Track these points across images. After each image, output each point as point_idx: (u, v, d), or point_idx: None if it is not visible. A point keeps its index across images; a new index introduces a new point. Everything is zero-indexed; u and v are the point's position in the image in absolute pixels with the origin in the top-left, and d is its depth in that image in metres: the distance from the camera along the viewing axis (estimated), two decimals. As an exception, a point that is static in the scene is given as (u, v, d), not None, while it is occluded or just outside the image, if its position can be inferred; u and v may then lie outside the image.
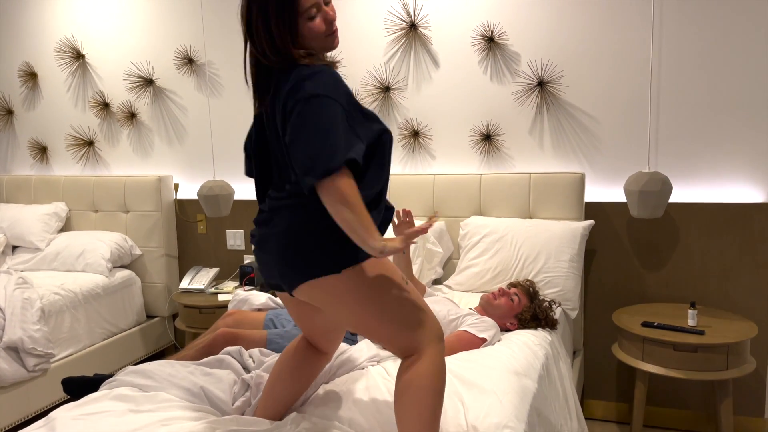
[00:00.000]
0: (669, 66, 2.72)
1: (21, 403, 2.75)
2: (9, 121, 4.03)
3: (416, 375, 1.41)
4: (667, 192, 2.54)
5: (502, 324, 2.32)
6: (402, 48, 3.12)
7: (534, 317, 2.34)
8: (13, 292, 2.83)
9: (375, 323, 1.43)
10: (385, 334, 1.44)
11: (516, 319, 2.33)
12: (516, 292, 2.37)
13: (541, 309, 2.36)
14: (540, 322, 2.34)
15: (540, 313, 2.35)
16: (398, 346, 1.46)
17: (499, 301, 2.32)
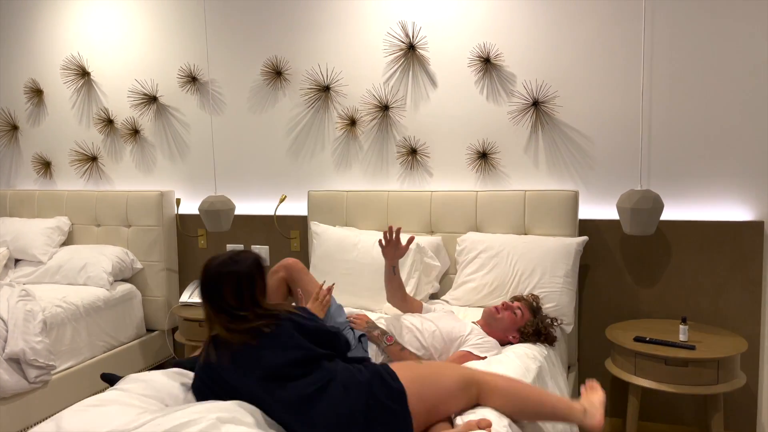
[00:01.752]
0: (660, 86, 2.80)
1: (22, 414, 2.78)
2: (14, 137, 4.09)
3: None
4: (658, 210, 2.60)
5: (504, 337, 2.36)
6: (401, 68, 3.20)
7: (536, 332, 2.37)
8: (15, 304, 2.87)
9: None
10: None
11: (518, 333, 2.38)
12: (519, 306, 2.41)
13: (543, 324, 2.40)
14: (540, 337, 2.38)
15: (542, 328, 2.39)
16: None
17: (502, 315, 2.36)
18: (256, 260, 1.80)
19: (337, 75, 3.31)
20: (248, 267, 1.76)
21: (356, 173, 3.36)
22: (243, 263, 1.77)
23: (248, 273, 1.75)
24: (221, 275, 1.74)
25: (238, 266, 1.75)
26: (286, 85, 3.43)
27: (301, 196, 3.49)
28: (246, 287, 1.74)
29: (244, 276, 1.74)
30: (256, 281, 1.76)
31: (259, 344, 1.69)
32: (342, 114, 3.33)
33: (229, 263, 1.76)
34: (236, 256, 1.79)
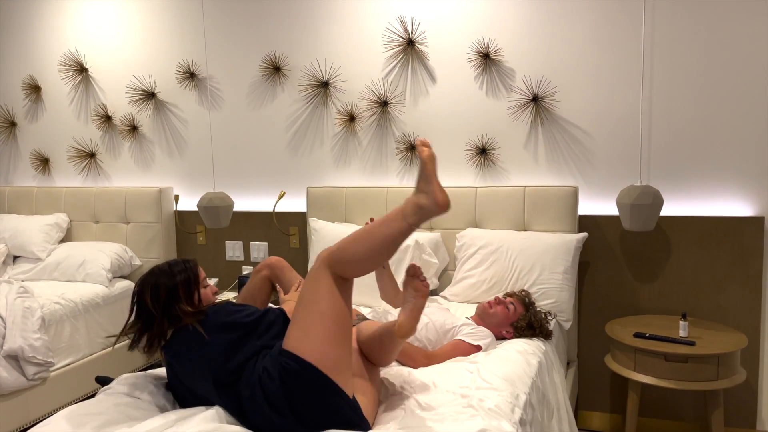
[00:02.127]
0: (660, 82, 2.79)
1: (20, 411, 2.78)
2: (12, 133, 4.08)
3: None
4: (658, 205, 2.59)
5: (498, 332, 2.35)
6: (400, 63, 3.19)
7: (529, 326, 2.37)
8: (14, 301, 2.86)
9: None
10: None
11: (512, 327, 2.37)
12: (512, 300, 2.41)
13: (537, 318, 2.40)
14: (535, 331, 2.38)
15: (535, 322, 2.38)
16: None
17: (494, 309, 2.36)
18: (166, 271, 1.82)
19: (336, 71, 3.30)
20: (158, 275, 1.81)
21: (355, 169, 3.35)
22: (160, 274, 1.81)
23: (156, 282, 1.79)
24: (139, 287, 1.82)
25: (152, 277, 1.80)
26: (285, 80, 3.42)
27: (300, 192, 3.48)
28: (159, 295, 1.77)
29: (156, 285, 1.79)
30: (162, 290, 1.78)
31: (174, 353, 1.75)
32: (341, 110, 3.32)
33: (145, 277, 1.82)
34: (160, 268, 1.84)
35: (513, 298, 2.44)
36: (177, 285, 1.79)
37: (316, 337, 1.55)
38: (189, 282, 1.81)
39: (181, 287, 1.79)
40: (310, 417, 1.53)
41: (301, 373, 1.52)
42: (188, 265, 1.84)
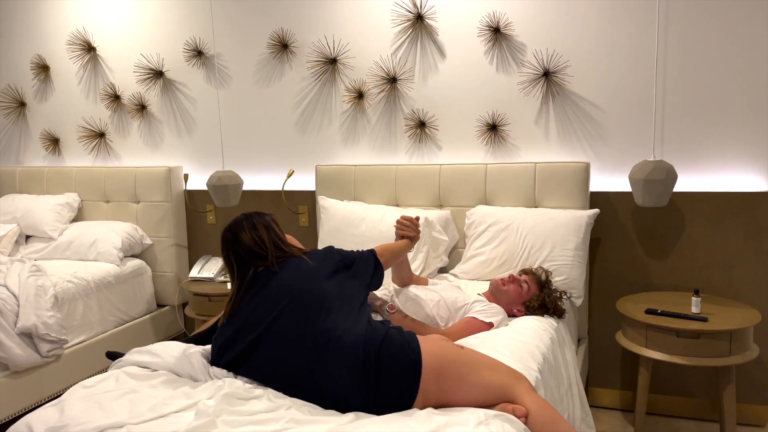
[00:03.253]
0: (674, 55, 2.73)
1: (35, 388, 2.82)
2: (22, 113, 4.09)
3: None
4: (671, 180, 2.56)
5: (509, 310, 2.34)
6: (408, 39, 3.14)
7: (542, 305, 2.35)
8: (27, 279, 2.89)
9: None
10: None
11: (523, 306, 2.36)
12: (526, 279, 2.39)
13: (551, 298, 2.37)
14: (548, 310, 2.36)
15: (549, 302, 2.36)
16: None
17: (507, 287, 2.33)
18: (262, 214, 2.01)
19: (344, 47, 3.26)
20: (257, 216, 1.98)
21: (364, 147, 3.33)
22: (253, 216, 1.98)
23: (259, 221, 1.96)
24: (237, 226, 1.96)
25: (245, 220, 1.97)
26: (293, 58, 3.39)
27: (308, 170, 3.46)
28: (263, 232, 1.93)
29: (257, 223, 1.95)
30: (269, 227, 1.96)
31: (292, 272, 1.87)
32: (349, 87, 3.29)
33: (236, 222, 1.98)
34: (239, 216, 2.01)
35: (528, 276, 2.41)
36: (270, 222, 1.97)
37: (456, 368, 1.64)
38: (276, 222, 2.00)
39: (273, 223, 1.98)
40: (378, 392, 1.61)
41: (409, 367, 1.61)
42: (266, 214, 2.02)
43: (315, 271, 1.86)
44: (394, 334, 1.68)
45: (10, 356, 2.66)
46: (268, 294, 1.81)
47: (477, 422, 1.47)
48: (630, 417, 2.93)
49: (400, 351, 1.63)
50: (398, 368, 1.60)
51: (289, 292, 1.79)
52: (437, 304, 2.24)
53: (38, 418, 1.58)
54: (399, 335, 1.68)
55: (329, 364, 1.64)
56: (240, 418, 1.55)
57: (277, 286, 1.82)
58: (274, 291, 1.81)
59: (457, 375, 1.61)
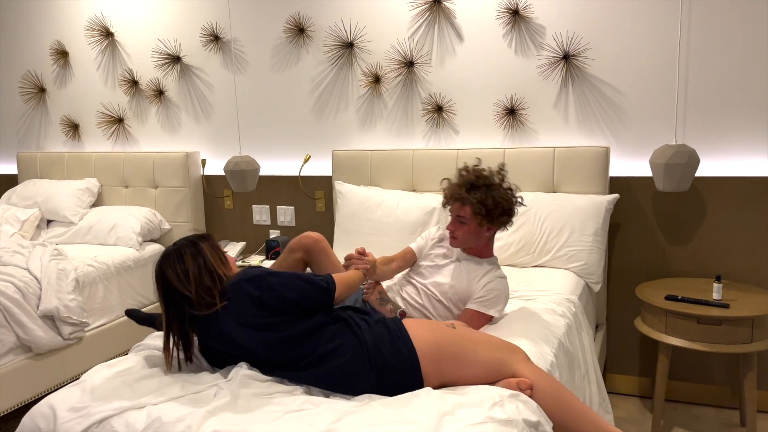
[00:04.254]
0: (698, 36, 2.67)
1: (57, 370, 2.87)
2: (42, 99, 4.13)
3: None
4: (693, 165, 2.52)
5: (485, 247, 2.10)
6: (426, 22, 3.11)
7: (490, 214, 1.98)
8: (48, 263, 2.93)
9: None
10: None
11: (485, 227, 2.02)
12: (457, 210, 2.03)
13: (495, 201, 1.98)
14: (506, 213, 2.02)
15: (491, 204, 1.97)
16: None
17: (459, 235, 2.04)
18: (188, 241, 1.77)
19: (361, 31, 3.24)
20: (181, 248, 1.74)
21: (380, 132, 3.31)
22: (176, 248, 1.75)
23: (180, 253, 1.73)
24: (161, 267, 1.73)
25: (173, 252, 1.74)
26: (309, 42, 3.37)
27: (325, 155, 3.46)
28: (185, 274, 1.69)
29: (185, 254, 1.72)
30: (192, 258, 1.72)
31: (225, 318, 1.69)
32: (366, 71, 3.27)
33: (164, 256, 1.75)
34: (170, 246, 1.78)
35: (456, 204, 2.03)
36: (202, 249, 1.74)
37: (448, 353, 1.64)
38: (214, 246, 1.78)
39: (208, 250, 1.75)
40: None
41: (407, 360, 1.61)
42: (203, 234, 1.82)
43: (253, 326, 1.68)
44: (382, 333, 1.66)
45: (32, 338, 2.71)
46: (218, 342, 1.71)
47: (492, 403, 1.48)
48: (648, 403, 2.91)
49: (392, 350, 1.62)
50: (396, 365, 1.61)
51: (238, 348, 1.69)
52: (450, 289, 2.10)
53: (61, 399, 1.61)
54: (386, 332, 1.66)
55: (329, 376, 1.63)
56: (258, 398, 1.56)
57: (221, 339, 1.69)
58: (223, 342, 1.70)
59: (453, 357, 1.63)
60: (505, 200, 2.02)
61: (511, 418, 1.44)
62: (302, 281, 1.72)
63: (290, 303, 1.68)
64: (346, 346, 1.64)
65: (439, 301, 2.10)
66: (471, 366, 1.63)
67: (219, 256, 1.77)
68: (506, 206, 2.02)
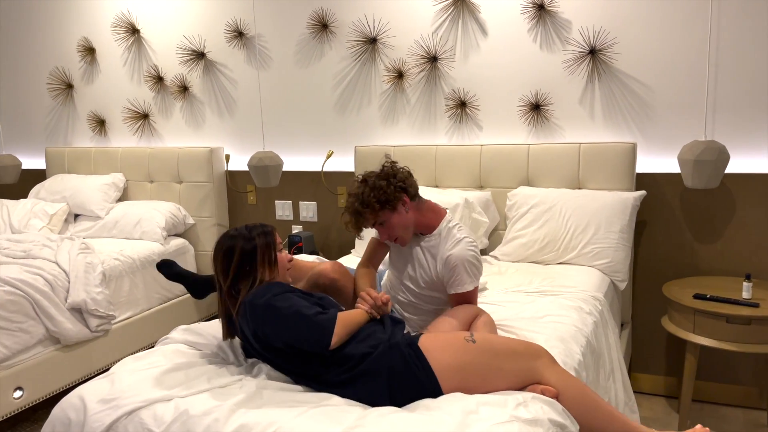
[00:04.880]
0: (728, 30, 2.62)
1: (84, 362, 2.91)
2: (69, 95, 4.19)
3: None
4: (723, 161, 2.47)
5: (423, 217, 1.96)
6: (450, 17, 3.09)
7: (386, 199, 1.87)
8: (76, 256, 2.98)
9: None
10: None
11: (399, 209, 1.90)
12: (374, 227, 1.92)
13: (375, 186, 1.88)
14: (391, 177, 1.90)
15: (378, 193, 1.86)
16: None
17: (399, 236, 1.93)
18: (237, 234, 1.75)
19: (384, 26, 3.23)
20: (231, 241, 1.74)
21: (403, 127, 3.31)
22: (235, 238, 1.74)
23: (230, 248, 1.72)
24: (217, 247, 1.76)
25: (229, 241, 1.74)
26: (333, 38, 3.37)
27: (348, 151, 3.46)
28: (228, 259, 1.72)
29: (226, 251, 1.73)
30: (237, 254, 1.71)
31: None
32: (389, 66, 3.26)
33: (225, 238, 1.76)
34: (233, 231, 1.77)
35: (367, 225, 1.91)
36: (255, 248, 1.73)
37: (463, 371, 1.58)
38: (269, 246, 1.76)
39: (260, 250, 1.73)
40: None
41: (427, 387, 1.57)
42: (266, 229, 1.79)
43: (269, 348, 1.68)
44: (396, 363, 1.57)
45: (61, 330, 2.76)
46: (243, 339, 1.76)
47: (516, 403, 1.47)
48: (674, 403, 2.87)
49: (410, 380, 1.56)
50: (416, 394, 1.57)
51: (257, 353, 1.73)
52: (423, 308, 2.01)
53: (90, 390, 1.63)
54: (401, 361, 1.58)
55: (352, 395, 1.60)
56: (284, 393, 1.57)
57: (244, 337, 1.74)
58: (246, 341, 1.74)
59: (479, 376, 1.57)
60: (381, 176, 1.89)
61: (537, 418, 1.43)
62: (303, 323, 1.59)
63: (279, 347, 1.64)
64: (367, 375, 1.59)
65: (420, 293, 1.99)
66: (497, 380, 1.58)
67: (269, 259, 1.75)
68: (385, 175, 1.89)
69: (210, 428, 1.44)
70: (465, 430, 1.37)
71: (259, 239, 1.74)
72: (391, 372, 1.57)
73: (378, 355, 1.59)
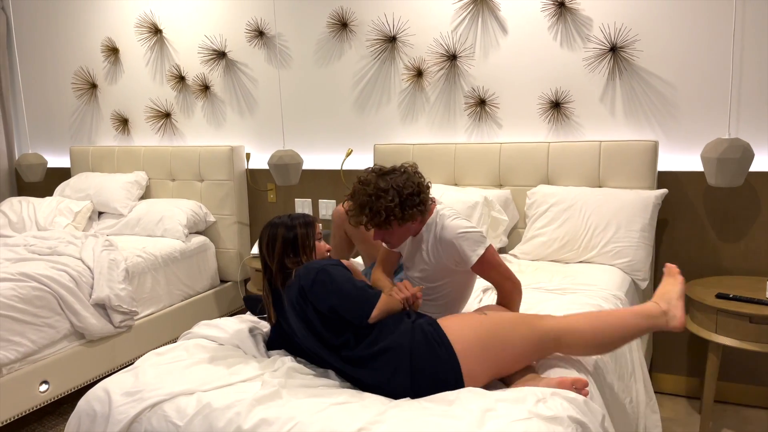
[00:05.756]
0: (753, 25, 2.58)
1: (108, 356, 2.97)
2: (93, 95, 4.26)
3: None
4: (748, 159, 2.44)
5: (402, 241, 1.88)
6: (469, 15, 3.09)
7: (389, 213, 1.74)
8: (100, 253, 3.03)
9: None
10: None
11: (410, 222, 1.80)
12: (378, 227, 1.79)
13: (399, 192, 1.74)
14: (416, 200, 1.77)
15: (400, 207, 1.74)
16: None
17: (392, 242, 1.86)
18: (279, 222, 1.85)
19: (404, 25, 3.24)
20: (274, 229, 1.84)
21: (422, 126, 3.31)
22: (279, 225, 1.84)
23: (273, 236, 1.83)
24: (260, 236, 1.87)
25: (271, 229, 1.85)
26: (352, 36, 3.39)
27: (367, 149, 3.48)
28: (272, 246, 1.82)
29: (270, 238, 1.83)
30: (279, 241, 1.81)
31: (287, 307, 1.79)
32: (408, 65, 3.26)
33: (270, 225, 1.86)
34: (280, 218, 1.88)
35: (379, 226, 1.77)
36: (297, 236, 1.83)
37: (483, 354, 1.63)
38: (308, 235, 1.85)
39: (300, 238, 1.83)
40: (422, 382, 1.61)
41: (444, 361, 1.60)
42: (308, 219, 1.88)
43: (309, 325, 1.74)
44: (419, 340, 1.62)
45: (86, 325, 2.81)
46: (281, 317, 1.84)
47: (536, 399, 1.46)
48: (695, 404, 2.84)
49: (430, 357, 1.60)
50: (435, 374, 1.60)
51: (290, 327, 1.80)
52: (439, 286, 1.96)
53: (115, 383, 1.66)
54: (423, 338, 1.62)
55: (374, 374, 1.64)
56: (304, 389, 1.59)
57: (282, 314, 1.82)
58: (283, 318, 1.83)
59: (498, 345, 1.63)
60: (406, 192, 1.76)
61: (557, 415, 1.43)
62: (352, 291, 1.67)
63: (322, 310, 1.70)
64: (391, 350, 1.63)
65: (433, 286, 1.93)
66: (515, 346, 1.64)
67: (308, 248, 1.84)
68: (410, 194, 1.76)
69: (231, 422, 1.46)
70: (482, 428, 1.37)
71: (300, 228, 1.84)
72: (413, 348, 1.61)
73: (402, 333, 1.65)
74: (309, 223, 1.87)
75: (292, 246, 1.81)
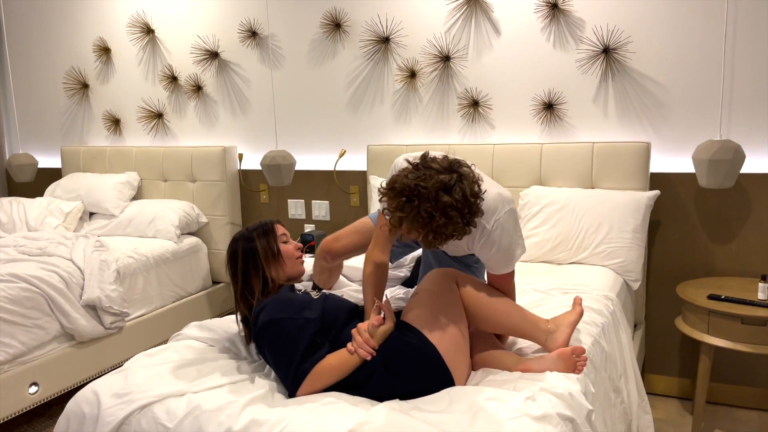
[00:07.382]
0: (744, 28, 2.59)
1: (98, 358, 2.94)
2: (85, 95, 4.23)
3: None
4: (739, 161, 2.44)
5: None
6: (462, 16, 3.09)
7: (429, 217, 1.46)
8: (91, 254, 3.01)
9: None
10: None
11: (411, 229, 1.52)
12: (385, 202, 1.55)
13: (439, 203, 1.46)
14: (462, 212, 1.49)
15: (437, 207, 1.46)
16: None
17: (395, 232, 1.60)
18: (239, 237, 1.81)
19: (397, 25, 3.23)
20: (234, 245, 1.80)
21: (416, 127, 3.31)
22: (238, 239, 1.80)
23: (233, 252, 1.79)
24: (228, 251, 1.82)
25: (232, 245, 1.80)
26: (345, 37, 3.38)
27: (360, 150, 3.47)
28: (234, 263, 1.79)
29: (230, 256, 1.80)
30: (240, 257, 1.77)
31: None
32: (402, 66, 3.26)
33: (229, 244, 1.82)
34: (238, 234, 1.82)
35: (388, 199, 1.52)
36: (256, 247, 1.77)
37: (441, 323, 1.66)
38: (269, 242, 1.79)
39: (260, 249, 1.77)
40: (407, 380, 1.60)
41: (422, 350, 1.60)
42: (266, 227, 1.82)
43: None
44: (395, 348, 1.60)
45: (75, 327, 2.79)
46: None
47: (524, 398, 1.47)
48: (688, 405, 2.84)
49: (401, 344, 1.60)
50: (411, 354, 1.60)
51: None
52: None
53: (104, 385, 1.65)
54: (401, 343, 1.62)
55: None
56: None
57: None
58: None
59: (440, 302, 1.68)
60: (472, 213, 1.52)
61: (546, 414, 1.43)
62: (282, 360, 1.58)
63: (269, 363, 1.66)
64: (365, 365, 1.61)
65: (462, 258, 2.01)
66: (455, 302, 1.71)
67: (272, 254, 1.78)
68: (474, 212, 1.53)
69: (222, 424, 1.45)
70: (473, 427, 1.36)
71: (259, 239, 1.78)
72: (385, 348, 1.60)
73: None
74: (267, 231, 1.80)
75: (252, 260, 1.76)
